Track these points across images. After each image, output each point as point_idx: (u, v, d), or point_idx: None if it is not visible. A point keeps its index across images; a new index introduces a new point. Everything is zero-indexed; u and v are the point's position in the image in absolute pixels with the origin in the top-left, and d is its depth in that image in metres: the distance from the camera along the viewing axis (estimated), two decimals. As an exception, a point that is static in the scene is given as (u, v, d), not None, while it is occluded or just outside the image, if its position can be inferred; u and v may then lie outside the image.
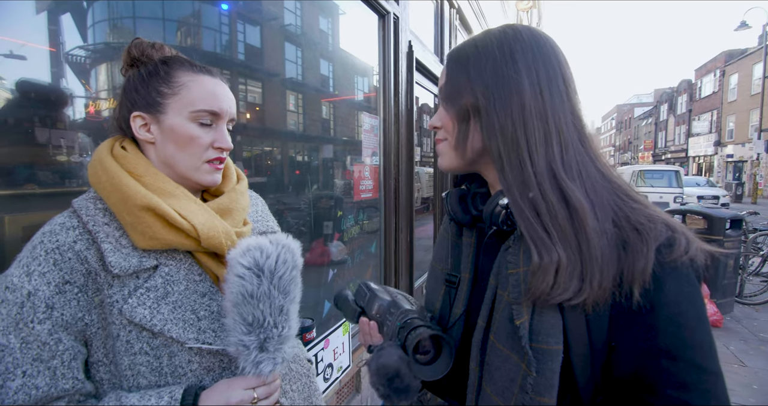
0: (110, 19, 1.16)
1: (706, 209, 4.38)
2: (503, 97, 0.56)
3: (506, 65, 0.56)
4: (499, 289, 0.57)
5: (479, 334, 0.58)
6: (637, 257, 0.48)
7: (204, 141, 0.69)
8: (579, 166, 0.55)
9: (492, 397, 0.54)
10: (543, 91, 0.56)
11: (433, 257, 0.75)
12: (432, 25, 3.89)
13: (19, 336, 0.57)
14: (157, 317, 0.62)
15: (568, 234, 0.51)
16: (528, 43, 0.57)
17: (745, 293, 4.56)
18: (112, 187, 0.64)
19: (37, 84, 0.96)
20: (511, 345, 0.53)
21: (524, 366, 0.50)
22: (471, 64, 0.59)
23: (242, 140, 1.70)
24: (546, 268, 0.49)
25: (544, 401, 0.49)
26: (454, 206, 0.67)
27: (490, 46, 0.58)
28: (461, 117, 0.60)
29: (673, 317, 0.48)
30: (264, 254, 0.62)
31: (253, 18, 1.71)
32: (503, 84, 0.56)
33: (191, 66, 0.71)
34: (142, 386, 0.63)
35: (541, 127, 0.55)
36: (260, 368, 0.62)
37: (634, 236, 0.50)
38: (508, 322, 0.54)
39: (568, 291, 0.49)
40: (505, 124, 0.55)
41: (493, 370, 0.55)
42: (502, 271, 0.58)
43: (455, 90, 0.60)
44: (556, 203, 0.52)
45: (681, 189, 11.10)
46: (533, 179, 0.53)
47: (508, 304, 0.55)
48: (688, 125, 29.15)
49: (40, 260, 0.60)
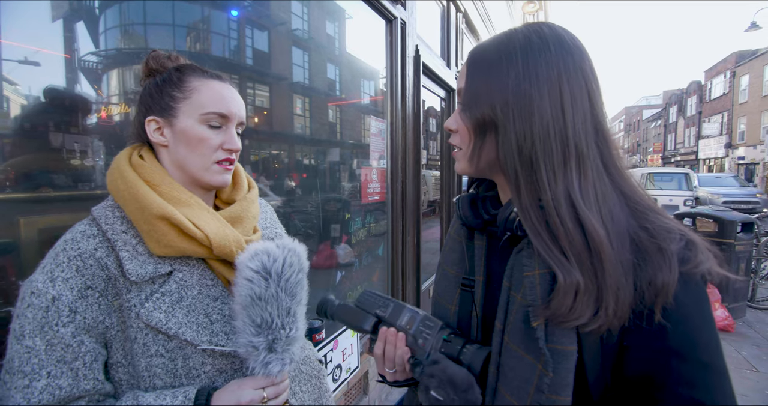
0: (122, 25, 1.18)
1: (717, 212, 4.31)
2: (523, 116, 0.54)
3: (529, 82, 0.54)
4: (512, 291, 0.57)
5: (498, 336, 0.58)
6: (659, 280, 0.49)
7: (213, 142, 0.71)
8: (597, 192, 0.54)
9: (507, 397, 0.55)
10: (566, 111, 0.54)
11: (442, 260, 0.75)
12: (438, 29, 3.91)
13: (45, 338, 0.60)
14: (172, 321, 0.65)
15: (585, 261, 0.51)
16: (554, 56, 0.55)
17: (758, 298, 4.48)
18: (129, 196, 0.66)
19: (52, 89, 0.99)
20: (526, 346, 0.53)
21: (540, 367, 0.51)
22: (493, 74, 0.57)
23: (250, 144, 1.71)
24: (567, 289, 0.50)
25: (560, 400, 0.51)
26: (466, 211, 0.67)
27: (514, 56, 0.56)
28: (478, 129, 0.59)
29: (682, 319, 0.50)
30: (271, 257, 0.64)
31: (261, 23, 1.73)
32: (524, 102, 0.54)
33: (202, 72, 0.74)
34: (158, 387, 0.65)
35: (560, 150, 0.53)
36: (269, 369, 0.63)
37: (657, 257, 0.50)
38: (522, 324, 0.54)
39: (583, 317, 0.50)
40: (523, 144, 0.54)
41: (508, 371, 0.55)
42: (515, 273, 0.58)
43: (474, 98, 0.58)
44: (572, 229, 0.51)
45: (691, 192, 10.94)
46: (551, 204, 0.52)
47: (522, 306, 0.55)
48: (698, 127, 28.80)
49: (63, 266, 0.63)
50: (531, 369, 0.52)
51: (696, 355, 0.49)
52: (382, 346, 0.66)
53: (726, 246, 3.99)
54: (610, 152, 0.57)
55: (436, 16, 3.84)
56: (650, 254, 0.50)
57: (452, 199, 4.26)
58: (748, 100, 22.19)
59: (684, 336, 0.50)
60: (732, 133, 24.04)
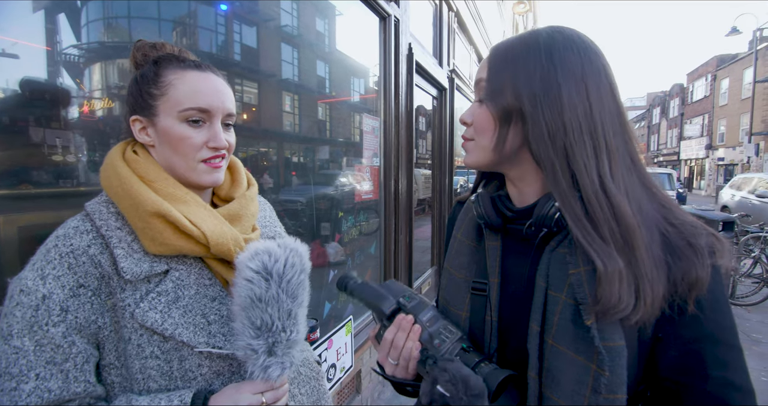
0: (105, 18, 1.15)
1: (699, 211, 4.42)
2: (552, 108, 0.55)
3: (557, 76, 0.56)
4: (551, 290, 0.56)
5: (535, 339, 0.56)
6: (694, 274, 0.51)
7: (196, 141, 0.67)
8: (626, 182, 0.55)
9: (559, 403, 0.53)
10: (593, 105, 0.56)
11: (448, 265, 0.71)
12: (431, 28, 3.91)
13: (34, 339, 0.57)
14: (168, 321, 0.62)
15: (622, 248, 0.51)
16: (577, 54, 0.57)
17: (738, 295, 4.61)
18: (123, 192, 0.63)
19: (32, 83, 0.95)
20: (576, 347, 0.52)
21: (594, 367, 0.51)
22: (519, 66, 0.57)
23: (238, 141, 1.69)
24: (611, 277, 0.50)
25: (618, 398, 0.50)
26: (488, 209, 0.64)
27: (540, 52, 0.57)
28: (504, 118, 0.58)
29: (714, 307, 0.53)
30: (272, 257, 0.61)
31: (249, 18, 1.70)
32: (553, 95, 0.55)
33: (179, 62, 0.68)
34: (152, 390, 0.63)
35: (589, 140, 0.55)
36: (268, 373, 0.61)
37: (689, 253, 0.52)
38: (571, 324, 0.53)
39: (629, 306, 0.50)
40: (555, 134, 0.55)
41: (558, 375, 0.53)
42: (553, 271, 0.56)
43: (499, 89, 0.58)
44: (610, 216, 0.52)
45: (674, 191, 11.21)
46: (591, 189, 0.53)
47: (569, 305, 0.54)
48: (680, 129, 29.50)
49: (55, 263, 0.60)
50: (585, 371, 0.51)
51: (726, 338, 0.53)
52: (395, 331, 0.63)
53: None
54: (635, 149, 0.59)
55: (428, 15, 3.85)
56: (681, 249, 0.53)
57: (444, 198, 4.29)
58: (728, 103, 22.82)
59: (716, 323, 0.53)
60: (712, 135, 24.70)
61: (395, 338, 0.63)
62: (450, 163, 4.35)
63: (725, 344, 0.53)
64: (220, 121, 0.70)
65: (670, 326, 0.53)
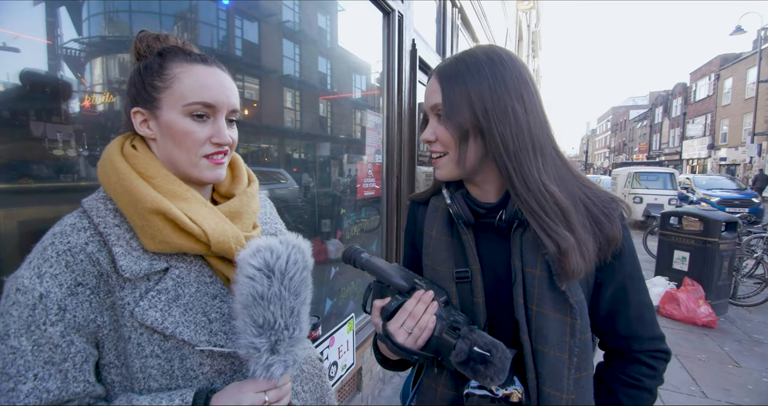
0: (106, 12, 1.14)
1: (703, 211, 4.40)
2: (502, 119, 0.66)
3: (502, 89, 0.67)
4: (527, 267, 0.70)
5: (521, 309, 0.70)
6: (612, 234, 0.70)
7: (200, 136, 0.66)
8: (555, 171, 0.70)
9: (550, 353, 0.68)
10: (529, 113, 0.68)
11: (430, 262, 0.78)
12: (434, 24, 3.89)
13: (31, 339, 0.56)
14: (169, 320, 0.61)
15: (566, 226, 0.66)
16: (511, 69, 0.68)
17: (739, 295, 4.60)
18: (122, 189, 0.62)
19: (32, 76, 0.94)
20: (554, 307, 0.68)
21: (569, 318, 0.68)
22: (469, 85, 0.67)
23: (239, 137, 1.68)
24: (568, 251, 0.65)
25: (587, 337, 0.69)
26: (464, 208, 0.74)
27: (483, 70, 0.67)
28: (462, 135, 0.68)
29: (628, 253, 0.73)
30: (274, 254, 0.60)
31: (251, 14, 1.69)
32: (501, 107, 0.66)
33: (185, 55, 0.67)
34: (153, 389, 0.62)
35: (530, 143, 0.68)
36: (271, 371, 0.60)
37: (605, 220, 0.70)
38: (548, 291, 0.69)
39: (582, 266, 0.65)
40: (507, 143, 0.67)
41: (546, 332, 0.68)
42: (526, 252, 0.71)
43: (454, 108, 0.68)
44: (552, 204, 0.67)
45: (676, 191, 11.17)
46: (535, 186, 0.67)
47: (545, 277, 0.69)
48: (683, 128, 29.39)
49: (52, 261, 0.58)
50: (562, 323, 0.68)
51: (638, 273, 0.74)
52: (415, 303, 0.71)
53: (710, 245, 4.07)
54: (555, 141, 0.73)
55: (432, 11, 3.83)
56: (600, 217, 0.70)
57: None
58: (731, 103, 22.72)
59: (631, 265, 0.73)
60: (715, 135, 24.60)
61: (415, 309, 0.70)
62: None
63: (639, 279, 0.74)
64: (224, 117, 0.69)
65: (604, 273, 0.72)
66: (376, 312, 0.75)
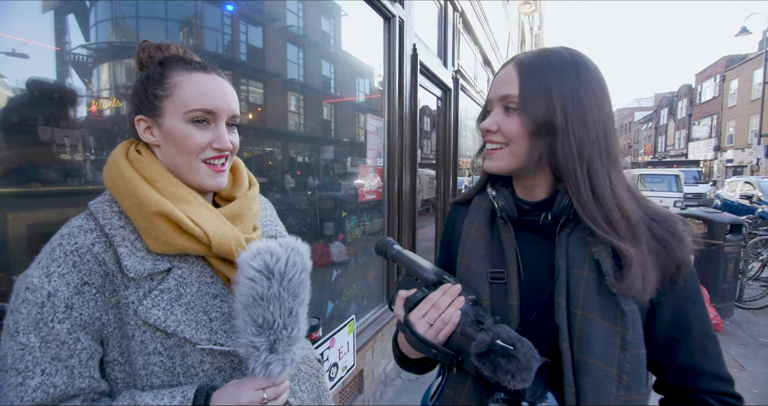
0: (113, 18, 1.16)
1: (707, 214, 4.37)
2: (581, 120, 0.63)
3: (584, 92, 0.64)
4: (572, 268, 0.65)
5: (563, 312, 0.64)
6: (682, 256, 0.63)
7: (200, 142, 0.68)
8: (624, 184, 0.66)
9: (594, 364, 0.60)
10: (607, 122, 0.65)
11: (464, 259, 0.75)
12: (435, 28, 3.90)
13: (39, 335, 0.58)
14: (171, 318, 0.63)
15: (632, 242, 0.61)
16: (594, 74, 0.65)
17: (745, 298, 4.55)
18: (126, 192, 0.64)
19: (41, 82, 0.96)
20: (603, 313, 0.61)
21: (620, 328, 0.60)
22: (552, 81, 0.64)
23: (243, 141, 1.69)
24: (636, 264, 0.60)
25: (641, 353, 0.61)
26: (510, 204, 0.72)
27: (567, 69, 0.64)
28: (536, 129, 0.65)
29: (690, 275, 0.65)
30: (274, 256, 0.62)
31: (255, 19, 1.71)
32: (581, 109, 0.63)
33: (185, 64, 0.70)
34: (155, 386, 0.64)
35: (605, 151, 0.64)
36: (270, 369, 0.62)
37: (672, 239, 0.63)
38: (595, 294, 0.62)
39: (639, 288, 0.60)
40: (582, 146, 0.63)
41: (590, 340, 0.61)
42: (572, 252, 0.66)
43: (531, 100, 0.64)
44: (620, 217, 0.62)
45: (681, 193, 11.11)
46: (606, 197, 0.63)
47: (593, 279, 0.63)
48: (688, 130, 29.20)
49: (60, 261, 0.61)
50: (611, 333, 0.60)
51: (699, 297, 0.66)
52: (440, 294, 0.68)
53: (715, 247, 4.04)
54: (620, 157, 0.69)
55: (433, 16, 3.84)
56: (667, 238, 0.63)
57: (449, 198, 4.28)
58: (737, 104, 22.55)
59: (693, 288, 0.66)
60: (721, 136, 24.41)
61: (440, 301, 0.67)
62: (454, 164, 4.34)
63: (701, 304, 0.66)
64: (225, 122, 0.71)
65: (663, 296, 0.64)
66: (399, 302, 0.72)
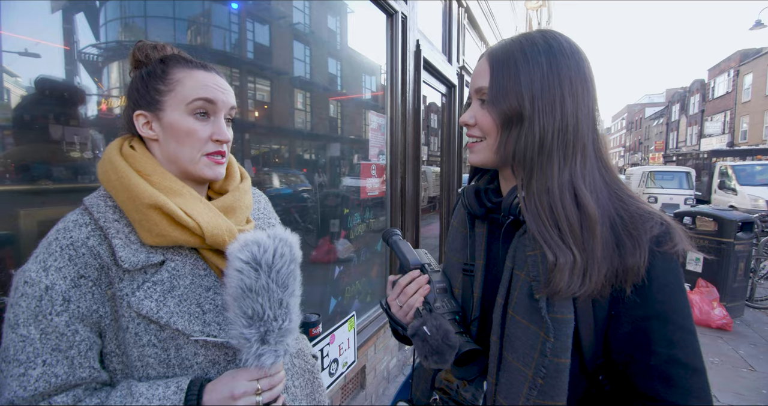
0: (122, 17, 1.18)
1: (717, 211, 4.30)
2: (547, 110, 0.61)
3: (554, 79, 0.61)
4: (516, 269, 0.65)
5: (499, 310, 0.66)
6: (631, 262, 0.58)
7: (202, 134, 0.70)
8: (591, 178, 0.63)
9: (513, 363, 0.62)
10: (579, 110, 0.62)
11: (448, 248, 0.81)
12: (440, 24, 3.88)
13: (39, 327, 0.60)
14: (164, 310, 0.64)
15: (579, 238, 0.59)
16: (570, 60, 0.62)
17: (756, 297, 4.49)
18: (120, 186, 0.66)
19: (51, 81, 0.98)
20: (530, 317, 0.61)
21: (543, 334, 0.59)
22: (521, 70, 0.62)
23: (250, 138, 1.71)
24: (562, 267, 0.57)
25: (561, 361, 0.59)
26: (471, 200, 0.73)
27: (538, 56, 0.62)
28: (505, 122, 0.64)
29: (661, 288, 0.59)
30: (261, 248, 0.63)
31: (262, 17, 1.72)
32: (549, 97, 0.61)
33: (186, 62, 0.72)
34: (151, 377, 0.66)
35: (572, 142, 0.61)
36: (262, 361, 0.63)
37: (629, 243, 0.59)
38: (526, 297, 0.62)
39: (574, 287, 0.58)
40: (544, 136, 0.61)
41: (514, 340, 0.63)
42: (518, 254, 0.65)
43: (501, 92, 0.63)
44: (573, 211, 0.59)
45: (692, 191, 10.95)
46: (556, 189, 0.60)
47: (526, 281, 0.62)
48: (701, 126, 28.69)
49: (56, 255, 0.62)
50: (535, 336, 0.60)
51: (675, 319, 0.58)
52: (408, 281, 0.76)
53: (725, 245, 3.99)
54: (601, 147, 0.65)
55: (437, 11, 3.82)
56: (623, 238, 0.59)
57: (453, 195, 4.27)
58: (752, 99, 22.08)
59: (664, 304, 0.59)
60: (734, 133, 23.94)
61: (407, 287, 0.75)
62: (459, 161, 4.33)
63: (673, 324, 0.58)
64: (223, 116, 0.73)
65: (621, 306, 0.60)
66: (389, 285, 0.80)
